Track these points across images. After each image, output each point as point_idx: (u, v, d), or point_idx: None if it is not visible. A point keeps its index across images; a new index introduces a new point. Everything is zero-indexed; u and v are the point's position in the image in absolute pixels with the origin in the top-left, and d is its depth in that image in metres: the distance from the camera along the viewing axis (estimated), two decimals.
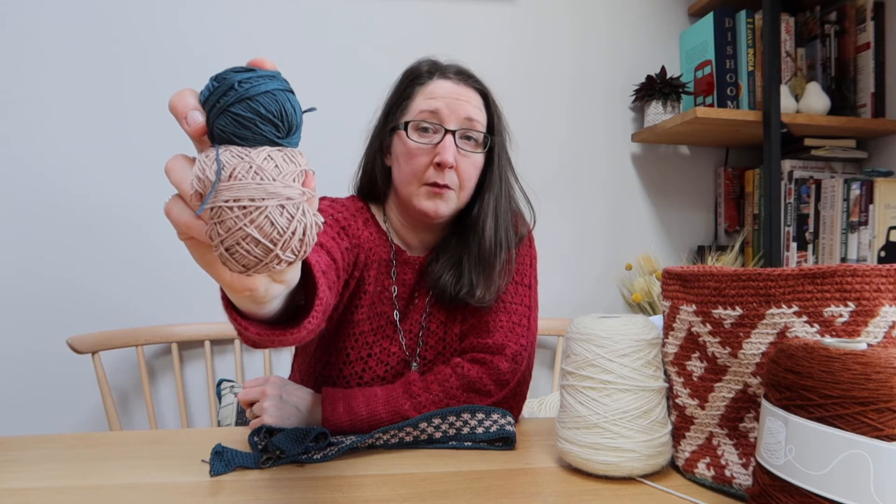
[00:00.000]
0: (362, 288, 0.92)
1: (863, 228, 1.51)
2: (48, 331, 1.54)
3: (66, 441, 0.82)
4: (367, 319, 0.92)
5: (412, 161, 0.88)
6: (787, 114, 1.55)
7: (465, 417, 0.80)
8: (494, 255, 0.91)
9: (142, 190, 1.59)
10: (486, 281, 0.91)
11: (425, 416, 0.78)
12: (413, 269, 0.96)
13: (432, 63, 0.93)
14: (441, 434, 0.80)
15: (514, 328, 0.92)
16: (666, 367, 0.71)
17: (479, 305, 0.92)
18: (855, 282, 0.56)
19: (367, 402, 0.82)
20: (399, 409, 0.82)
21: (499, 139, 0.94)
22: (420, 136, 0.88)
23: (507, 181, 0.96)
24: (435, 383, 0.85)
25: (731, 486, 0.64)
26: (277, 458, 0.72)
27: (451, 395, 0.84)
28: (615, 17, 1.80)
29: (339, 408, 0.82)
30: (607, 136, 1.80)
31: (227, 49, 1.61)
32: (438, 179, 0.87)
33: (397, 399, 0.83)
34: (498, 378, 0.86)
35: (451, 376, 0.85)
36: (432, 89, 0.89)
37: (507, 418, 0.82)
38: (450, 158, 0.86)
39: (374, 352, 0.92)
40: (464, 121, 0.88)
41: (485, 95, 0.93)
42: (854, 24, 1.63)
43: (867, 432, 0.45)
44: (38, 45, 1.54)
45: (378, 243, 0.94)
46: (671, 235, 1.84)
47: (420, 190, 0.89)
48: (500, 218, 0.92)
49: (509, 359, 0.88)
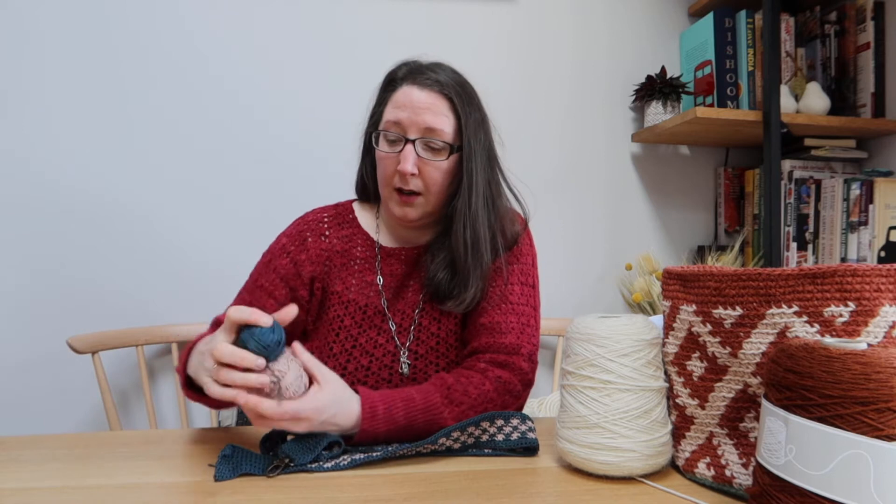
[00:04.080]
0: (328, 291, 0.97)
1: (863, 228, 1.51)
2: (48, 331, 1.54)
3: (66, 441, 0.82)
4: (345, 315, 0.96)
5: (382, 167, 0.94)
6: (787, 114, 1.55)
7: (485, 426, 0.78)
8: (464, 257, 0.91)
9: (142, 190, 1.59)
10: (461, 282, 0.92)
11: (445, 432, 0.75)
12: (400, 260, 0.99)
13: (408, 68, 0.95)
14: (460, 445, 0.77)
15: (525, 329, 0.93)
16: (666, 366, 0.71)
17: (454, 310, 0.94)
18: (855, 282, 0.56)
19: (405, 408, 0.79)
20: (438, 417, 0.79)
21: (471, 141, 0.93)
22: (387, 145, 0.92)
23: (487, 179, 0.95)
24: (471, 386, 0.84)
25: (731, 486, 0.64)
26: (286, 465, 0.70)
27: (489, 398, 0.84)
28: (615, 17, 1.80)
29: (380, 410, 0.77)
30: (607, 135, 1.80)
31: (227, 49, 1.61)
32: (403, 185, 0.92)
33: (437, 407, 0.80)
34: (522, 378, 0.89)
35: (484, 380, 0.85)
36: (399, 97, 0.92)
37: (527, 423, 0.80)
38: (408, 167, 0.89)
39: (360, 342, 0.94)
40: (424, 130, 0.90)
41: (451, 100, 0.92)
42: (854, 24, 1.63)
43: (867, 432, 0.45)
44: (41, 43, 1.54)
45: (350, 244, 0.99)
46: (671, 235, 1.84)
47: (392, 195, 0.93)
48: (468, 220, 0.92)
49: (527, 358, 0.91)
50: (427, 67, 0.94)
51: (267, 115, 1.63)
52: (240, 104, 1.63)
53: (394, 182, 0.92)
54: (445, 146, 0.91)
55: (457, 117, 0.93)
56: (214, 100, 1.61)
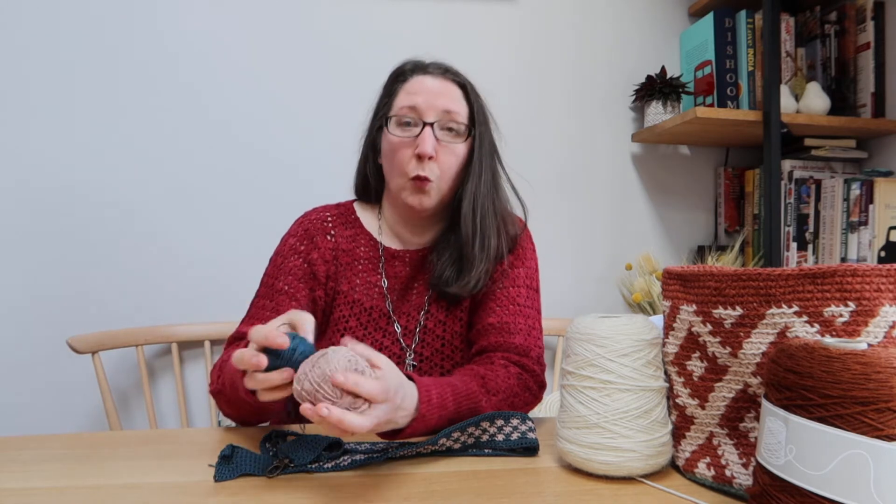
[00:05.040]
0: (336, 290, 0.96)
1: (863, 228, 1.51)
2: (48, 331, 1.54)
3: (66, 441, 0.82)
4: (350, 316, 0.95)
5: (396, 155, 0.92)
6: (787, 114, 1.55)
7: (485, 426, 0.78)
8: (472, 239, 0.92)
9: (143, 190, 1.59)
10: (466, 264, 0.93)
11: (446, 432, 0.74)
12: (405, 262, 0.99)
13: (415, 62, 0.97)
14: (460, 445, 0.77)
15: (531, 332, 0.94)
16: (666, 366, 0.71)
17: (460, 292, 0.94)
18: (855, 282, 0.56)
19: (453, 393, 0.77)
20: (477, 405, 0.79)
21: (481, 129, 0.95)
22: (402, 129, 0.91)
23: (492, 169, 0.97)
24: (500, 379, 0.84)
25: (731, 486, 0.64)
26: (286, 466, 0.70)
27: (514, 392, 0.85)
28: (615, 17, 1.80)
29: (434, 394, 0.74)
30: (607, 135, 1.80)
31: (228, 50, 1.61)
32: (420, 171, 0.90)
33: (476, 395, 0.79)
34: (536, 379, 0.91)
35: (508, 375, 0.86)
36: (412, 85, 0.93)
37: (527, 423, 0.80)
38: (428, 149, 0.88)
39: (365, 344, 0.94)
40: (442, 113, 0.91)
41: (464, 87, 0.95)
42: (854, 24, 1.63)
43: (867, 432, 0.45)
44: (41, 43, 1.54)
45: (354, 244, 0.98)
46: (671, 235, 1.84)
47: (406, 184, 0.92)
48: (477, 201, 0.93)
49: (536, 361, 0.92)
50: (433, 62, 0.97)
51: (266, 116, 1.63)
52: (239, 105, 1.63)
53: (408, 170, 0.91)
54: (464, 129, 0.92)
55: (469, 104, 0.95)
56: (214, 100, 1.61)
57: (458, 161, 0.93)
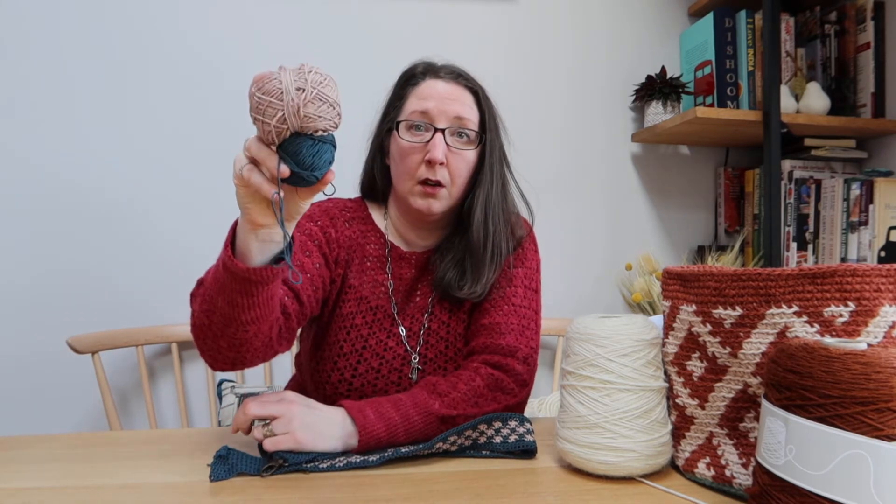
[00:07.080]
0: (346, 283, 0.95)
1: (863, 228, 1.51)
2: (48, 331, 1.54)
3: (66, 441, 0.82)
4: (357, 313, 0.94)
5: (405, 160, 0.91)
6: (787, 114, 1.55)
7: (482, 428, 0.78)
8: (483, 246, 0.92)
9: (143, 190, 1.59)
10: (475, 272, 0.92)
11: (443, 437, 0.74)
12: (410, 264, 0.98)
13: (426, 65, 0.96)
14: (457, 448, 0.77)
15: (524, 331, 0.93)
16: (666, 366, 0.71)
17: (468, 298, 0.93)
18: (855, 282, 0.56)
19: (395, 406, 0.78)
20: (430, 408, 0.78)
21: (492, 135, 0.95)
22: (412, 134, 0.91)
23: (501, 176, 0.97)
24: (460, 382, 0.83)
25: (731, 486, 0.64)
26: (280, 466, 0.70)
27: (479, 392, 0.83)
28: (615, 17, 1.80)
29: (369, 414, 0.75)
30: (607, 135, 1.80)
31: (228, 49, 1.61)
32: (430, 176, 0.89)
33: (425, 400, 0.79)
34: (517, 379, 0.88)
35: (474, 376, 0.85)
36: (423, 90, 0.92)
37: (525, 425, 0.79)
38: (439, 155, 0.88)
39: (370, 344, 0.93)
40: (453, 119, 0.90)
41: (476, 93, 0.94)
42: (854, 24, 1.63)
43: (867, 432, 0.45)
44: (41, 43, 1.54)
45: (366, 240, 0.97)
46: (671, 235, 1.84)
47: (415, 188, 0.91)
48: (489, 209, 0.93)
49: (521, 361, 0.89)
50: (445, 65, 0.96)
51: None
52: (241, 104, 1.62)
53: (418, 174, 0.90)
54: (475, 135, 0.92)
55: (480, 110, 0.94)
56: (215, 99, 1.61)
57: (468, 167, 0.93)
